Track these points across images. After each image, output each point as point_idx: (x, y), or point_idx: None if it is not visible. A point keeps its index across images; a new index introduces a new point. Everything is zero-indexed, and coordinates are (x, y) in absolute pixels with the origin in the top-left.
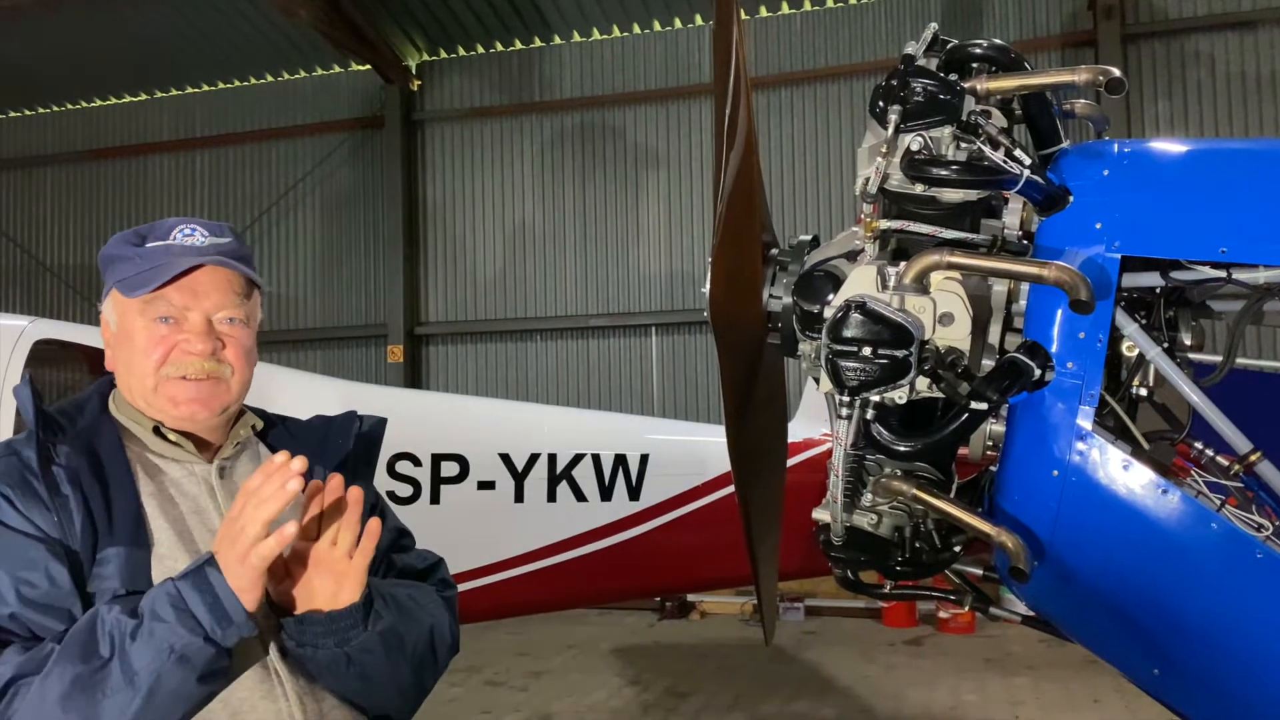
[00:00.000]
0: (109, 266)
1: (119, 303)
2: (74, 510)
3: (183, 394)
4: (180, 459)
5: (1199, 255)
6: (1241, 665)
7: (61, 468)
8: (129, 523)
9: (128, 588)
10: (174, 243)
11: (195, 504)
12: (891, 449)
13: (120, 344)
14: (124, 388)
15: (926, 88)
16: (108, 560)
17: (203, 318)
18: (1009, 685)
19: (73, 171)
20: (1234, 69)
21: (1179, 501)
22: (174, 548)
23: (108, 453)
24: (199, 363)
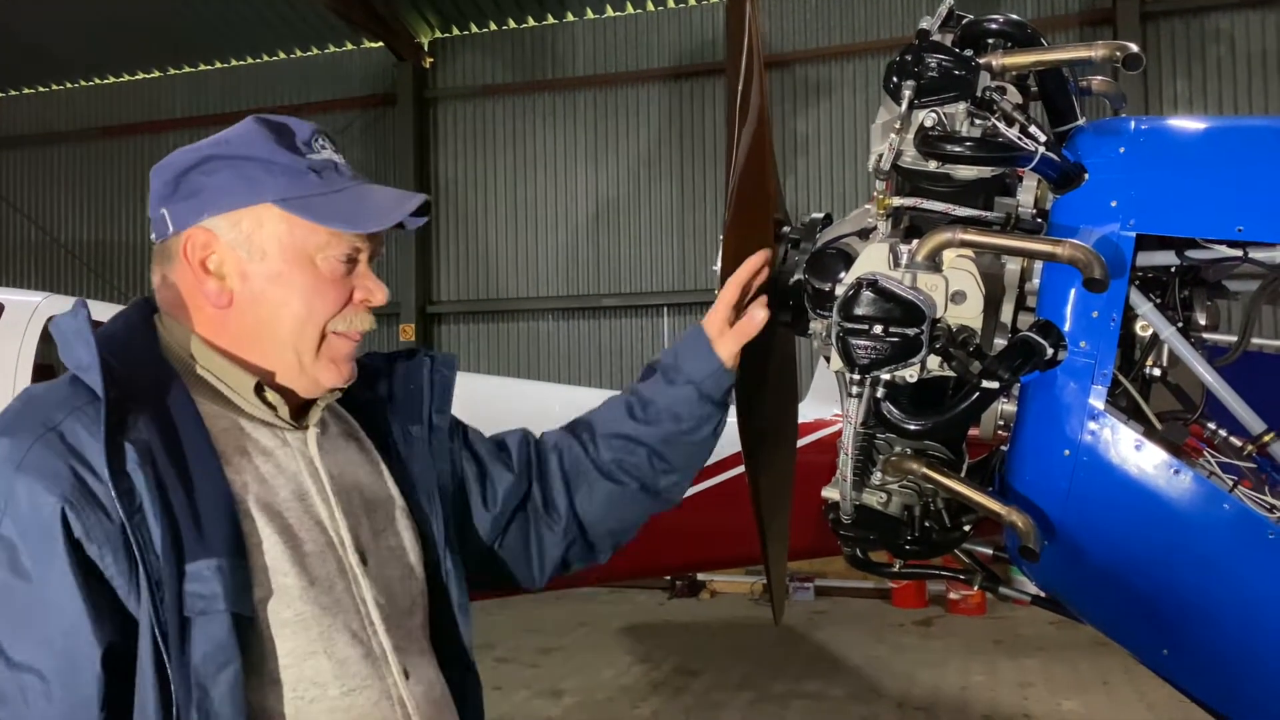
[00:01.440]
0: (244, 168)
1: (282, 226)
2: (148, 506)
3: (344, 354)
4: (272, 422)
5: (1215, 234)
6: (1252, 646)
7: (131, 443)
8: (224, 523)
9: (234, 609)
10: (331, 157)
11: (297, 486)
12: (902, 427)
13: (275, 278)
14: (241, 333)
15: (941, 63)
16: (202, 576)
17: (367, 260)
18: (1019, 666)
19: (86, 148)
20: (1254, 47)
21: (1191, 482)
22: (278, 554)
23: (182, 420)
24: (370, 318)
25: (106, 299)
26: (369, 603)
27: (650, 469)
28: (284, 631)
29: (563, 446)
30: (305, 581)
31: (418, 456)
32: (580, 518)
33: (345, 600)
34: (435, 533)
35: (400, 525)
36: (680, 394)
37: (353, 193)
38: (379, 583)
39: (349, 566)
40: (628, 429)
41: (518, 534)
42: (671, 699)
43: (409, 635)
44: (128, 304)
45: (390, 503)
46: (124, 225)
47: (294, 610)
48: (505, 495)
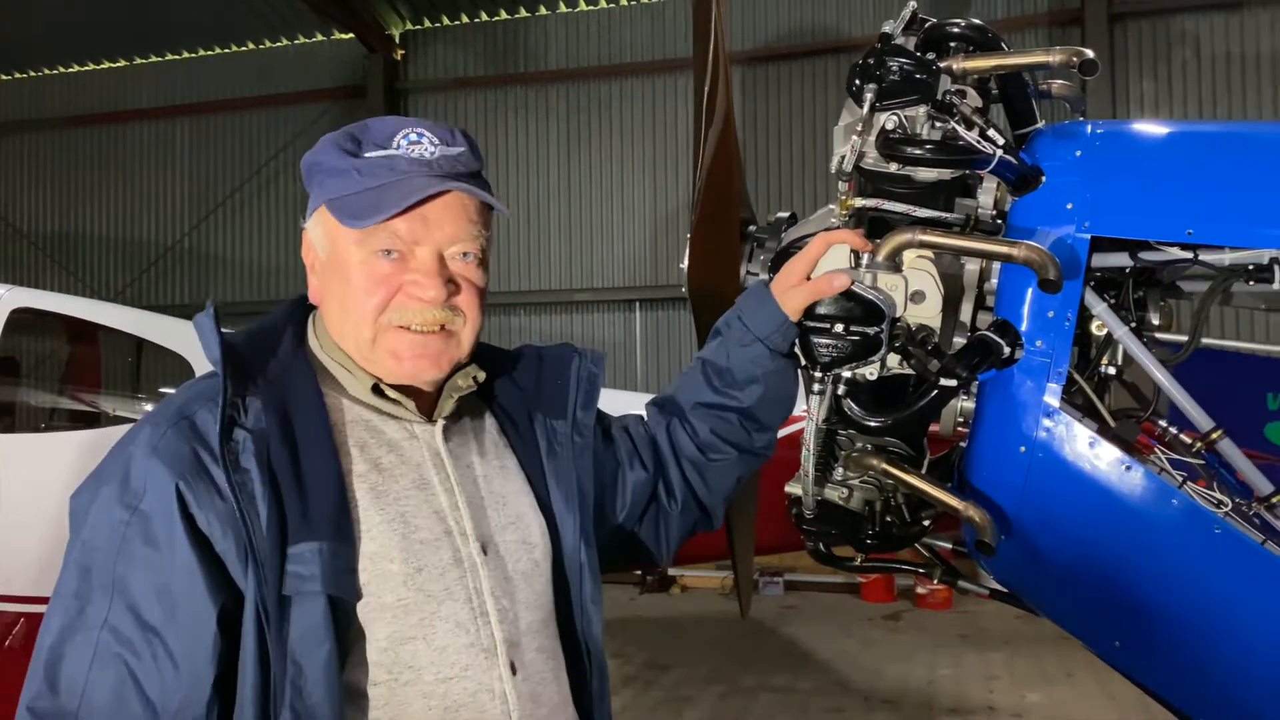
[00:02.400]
0: (315, 176)
1: (329, 225)
2: (258, 492)
3: (407, 348)
4: (400, 416)
5: (1166, 236)
6: (1198, 637)
7: (248, 432)
8: (330, 508)
9: (330, 591)
10: (397, 152)
11: (419, 476)
12: (862, 424)
13: (330, 274)
14: (334, 328)
15: (902, 66)
16: (303, 558)
17: (433, 253)
18: (984, 660)
19: (51, 138)
20: (1219, 50)
21: (1142, 478)
22: (390, 542)
23: (304, 410)
24: (429, 311)
25: (70, 291)
26: (484, 593)
27: (744, 432)
28: (384, 615)
29: (672, 432)
30: (411, 568)
31: (559, 453)
32: (698, 497)
33: (456, 589)
34: (569, 527)
35: (529, 520)
36: (751, 353)
37: (393, 187)
38: (498, 574)
39: (465, 556)
40: (711, 399)
41: (648, 522)
42: (641, 693)
43: (528, 630)
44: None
45: (521, 497)
46: (88, 216)
47: (396, 595)
48: (638, 492)
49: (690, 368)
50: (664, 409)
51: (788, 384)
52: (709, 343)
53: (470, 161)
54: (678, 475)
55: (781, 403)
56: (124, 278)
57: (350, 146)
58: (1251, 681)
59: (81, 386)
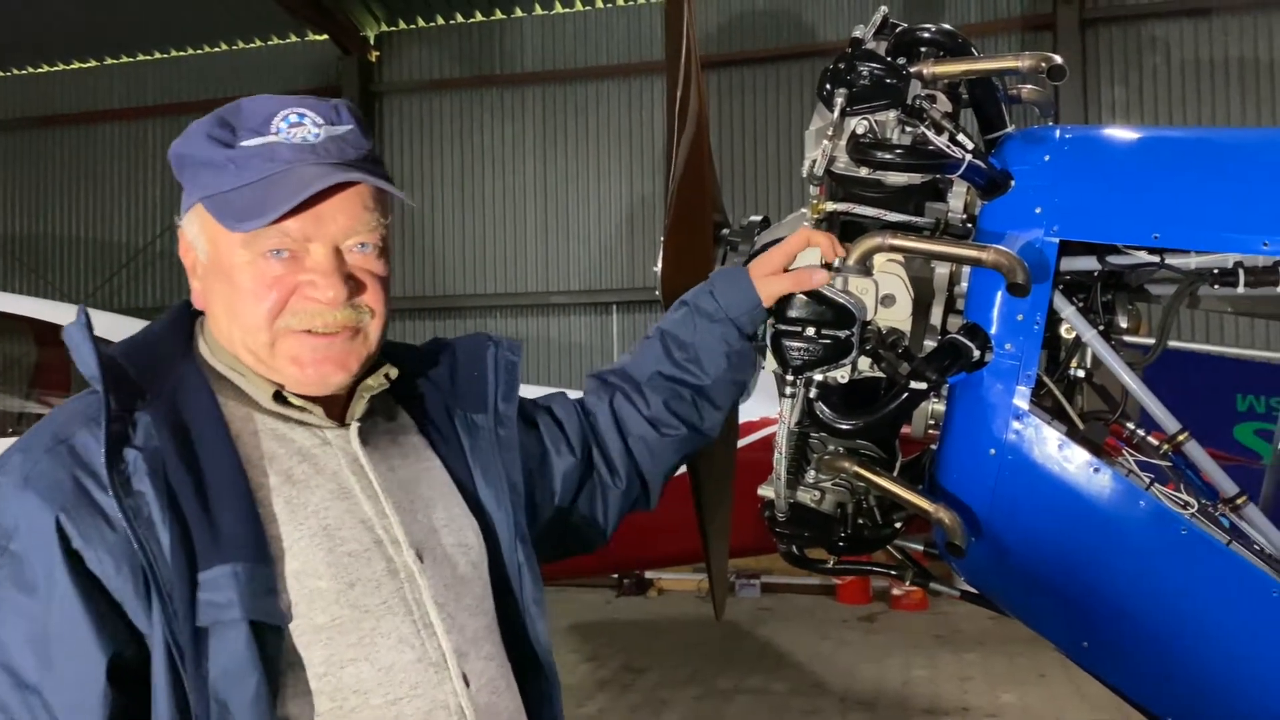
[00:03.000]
0: (187, 169)
1: (209, 224)
2: (157, 517)
3: (309, 353)
4: (309, 422)
5: (1133, 240)
6: (1165, 637)
7: (138, 451)
8: (242, 525)
9: (252, 616)
10: (277, 138)
11: (338, 485)
12: (834, 427)
13: (214, 278)
14: (223, 334)
15: (873, 71)
16: (217, 583)
17: (329, 249)
18: (959, 661)
19: (19, 138)
20: (1188, 55)
21: (1110, 480)
22: (315, 557)
23: (201, 422)
24: (330, 312)
25: (40, 294)
26: (426, 603)
27: (696, 410)
28: (319, 638)
29: (617, 406)
30: (343, 584)
31: (484, 449)
32: (641, 473)
33: (395, 602)
34: (503, 526)
35: (462, 522)
36: (720, 331)
37: (276, 180)
38: (438, 581)
39: (401, 566)
40: (670, 370)
41: (585, 503)
42: (618, 696)
43: (474, 638)
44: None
45: (449, 497)
46: (59, 218)
47: (330, 614)
48: (568, 479)
49: (646, 340)
50: (609, 382)
51: (747, 367)
52: (671, 314)
53: (359, 140)
54: (621, 450)
55: (738, 385)
56: (95, 280)
57: (223, 135)
58: (1218, 681)
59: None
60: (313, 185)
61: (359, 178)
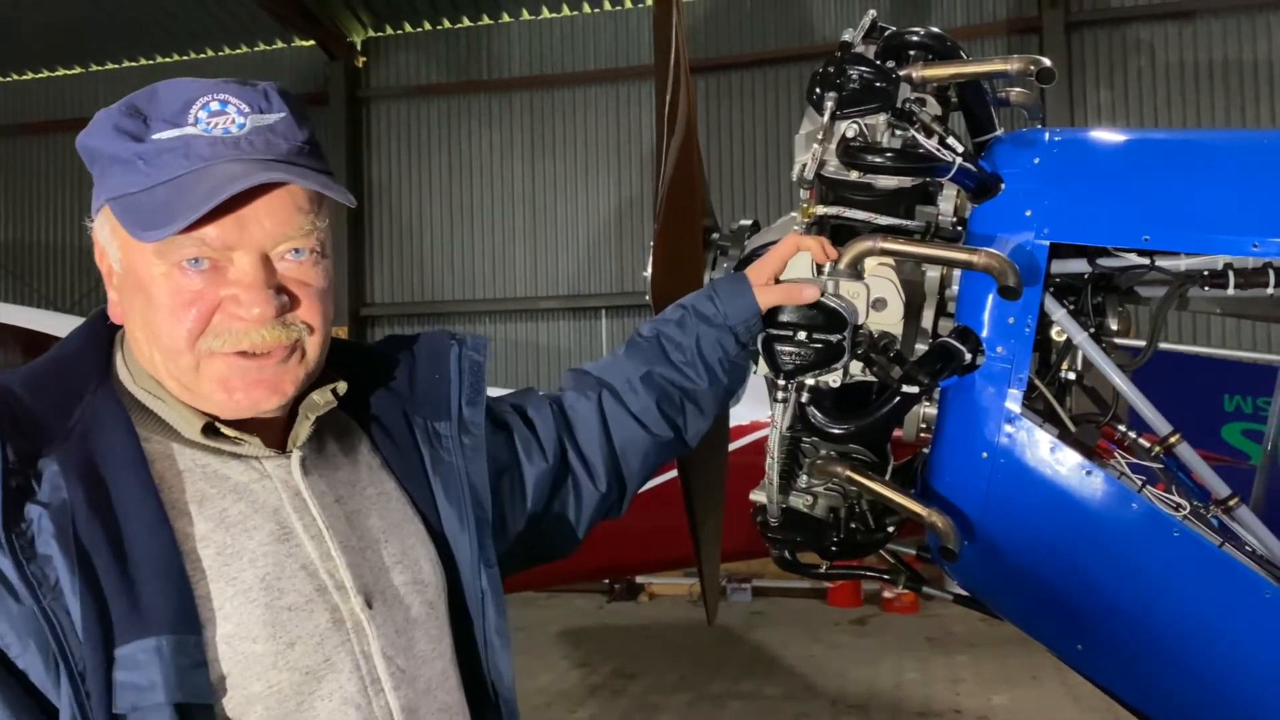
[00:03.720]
0: (95, 163)
1: (118, 229)
2: (66, 583)
3: (238, 376)
4: (244, 453)
5: (1124, 242)
6: (1158, 639)
7: (42, 507)
8: (166, 589)
9: (178, 699)
10: (194, 130)
11: (278, 525)
12: (826, 431)
13: (129, 290)
14: (143, 355)
15: (862, 75)
16: (136, 661)
17: (255, 258)
18: (950, 663)
19: (3, 146)
20: (1173, 58)
21: (1102, 482)
22: (250, 616)
23: (117, 465)
24: (257, 331)
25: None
26: (374, 656)
27: (683, 415)
28: (254, 709)
29: (604, 403)
30: (281, 644)
31: (446, 461)
32: (621, 476)
33: (339, 658)
34: (464, 551)
35: (418, 554)
36: (717, 336)
37: (186, 181)
38: (389, 629)
39: (347, 615)
40: (667, 371)
41: (558, 509)
42: (609, 702)
43: (426, 689)
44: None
45: (404, 527)
46: (42, 226)
47: (266, 682)
48: (540, 486)
49: (637, 339)
50: (596, 378)
51: (742, 376)
52: (667, 315)
53: (291, 130)
54: (603, 449)
55: (729, 394)
56: (81, 287)
57: (133, 125)
58: (1211, 683)
59: None
60: (227, 188)
61: (284, 177)
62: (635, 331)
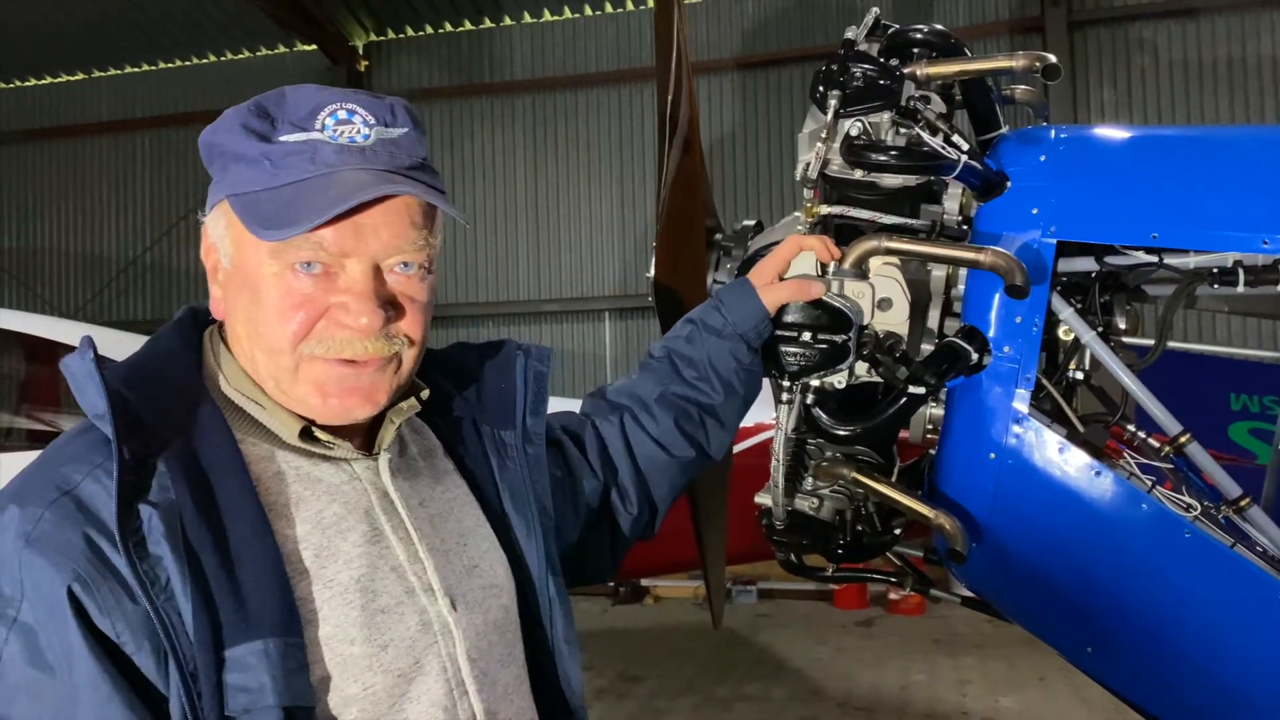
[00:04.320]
0: (217, 159)
1: (235, 225)
2: (176, 583)
3: (335, 382)
4: (334, 455)
5: (1132, 240)
6: (1170, 641)
7: (153, 507)
8: (272, 593)
9: (286, 702)
10: (320, 136)
11: (370, 528)
12: (831, 433)
13: (237, 287)
14: (243, 355)
15: (866, 73)
16: (246, 664)
17: (367, 268)
18: (957, 665)
19: (8, 152)
20: (1176, 56)
21: (1111, 483)
22: (348, 618)
23: (221, 468)
24: (361, 342)
25: (31, 308)
26: (460, 659)
27: (704, 430)
28: (348, 710)
29: (626, 426)
30: (376, 647)
31: (512, 469)
32: (651, 499)
33: (429, 661)
34: (533, 558)
35: (493, 558)
36: (729, 347)
37: (311, 185)
38: (471, 633)
39: (435, 618)
40: (681, 389)
41: (600, 531)
42: (615, 705)
43: (505, 692)
44: (178, 312)
45: (479, 531)
46: (48, 231)
47: (362, 684)
48: (591, 502)
49: (651, 360)
50: (615, 402)
51: (757, 384)
52: (676, 333)
53: (414, 147)
54: (631, 473)
55: (747, 403)
56: (85, 293)
57: (260, 126)
58: (1224, 685)
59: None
60: (356, 195)
61: (410, 190)
62: (646, 352)
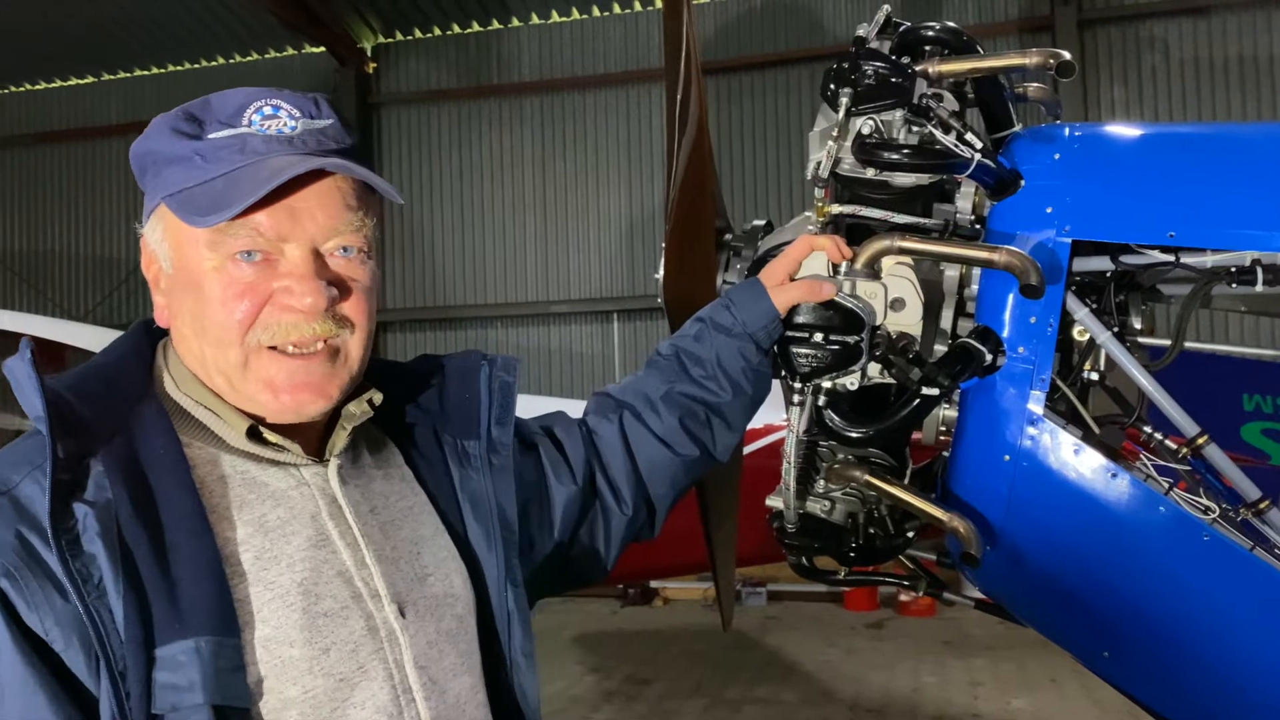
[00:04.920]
0: (150, 167)
1: (173, 226)
2: (109, 581)
3: (285, 377)
4: (284, 460)
5: (1148, 239)
6: (1188, 645)
7: (88, 506)
8: (207, 591)
9: (216, 700)
10: (249, 130)
11: (315, 532)
12: (843, 435)
13: (179, 289)
14: (192, 356)
15: (878, 70)
16: (175, 662)
17: (307, 250)
18: (968, 667)
19: (18, 155)
20: (1187, 55)
21: (1128, 485)
22: (288, 620)
23: (161, 468)
24: (307, 325)
25: (41, 311)
26: (407, 666)
27: (710, 431)
28: (289, 713)
29: (625, 425)
30: (318, 650)
31: (473, 478)
32: (649, 498)
33: (373, 666)
34: (492, 570)
35: (449, 567)
36: (737, 346)
37: (242, 172)
38: (420, 640)
39: (381, 624)
40: (688, 388)
41: (586, 533)
42: (624, 708)
43: (455, 702)
44: (130, 326)
45: (435, 540)
46: (59, 235)
47: (301, 687)
48: (569, 508)
49: (659, 358)
50: (618, 400)
51: (766, 385)
52: (685, 331)
53: (339, 135)
54: (628, 472)
55: (755, 404)
56: (95, 296)
57: (189, 128)
58: (1242, 692)
59: None
60: (285, 172)
61: (338, 164)
62: (655, 350)
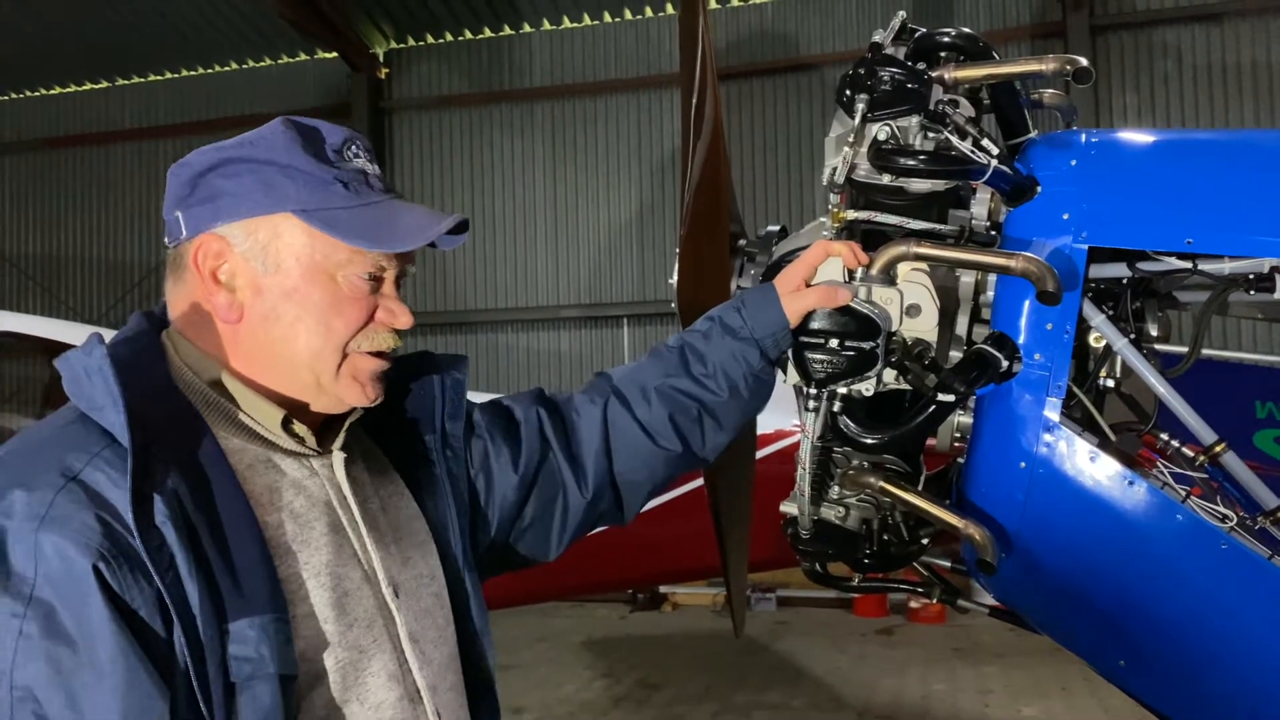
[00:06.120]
0: (271, 176)
1: (299, 237)
2: (181, 563)
3: (370, 374)
4: (297, 451)
5: (1165, 246)
6: (1207, 655)
7: (159, 494)
8: (263, 574)
9: (283, 670)
10: (361, 166)
11: (329, 519)
12: (858, 441)
13: (281, 293)
14: (260, 352)
15: (894, 76)
16: (246, 637)
17: (393, 278)
18: (978, 674)
19: (32, 160)
20: (1200, 61)
21: (1145, 493)
22: (321, 599)
23: (207, 458)
24: (395, 339)
25: (54, 314)
26: (404, 639)
27: (699, 429)
28: (322, 682)
29: (609, 409)
30: (344, 625)
31: (433, 470)
32: (617, 484)
33: (383, 639)
34: (454, 554)
35: (426, 550)
36: (741, 349)
37: (382, 209)
38: (409, 616)
39: (385, 601)
40: (684, 384)
41: (537, 513)
42: (633, 713)
43: (439, 669)
44: (130, 320)
45: (413, 524)
46: (72, 238)
47: (334, 658)
48: (521, 485)
49: (662, 350)
50: (611, 384)
51: (765, 393)
52: (695, 326)
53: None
54: (598, 454)
55: (752, 410)
56: (108, 299)
57: (310, 148)
58: (1263, 701)
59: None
60: (441, 224)
61: (449, 238)
62: (663, 341)
